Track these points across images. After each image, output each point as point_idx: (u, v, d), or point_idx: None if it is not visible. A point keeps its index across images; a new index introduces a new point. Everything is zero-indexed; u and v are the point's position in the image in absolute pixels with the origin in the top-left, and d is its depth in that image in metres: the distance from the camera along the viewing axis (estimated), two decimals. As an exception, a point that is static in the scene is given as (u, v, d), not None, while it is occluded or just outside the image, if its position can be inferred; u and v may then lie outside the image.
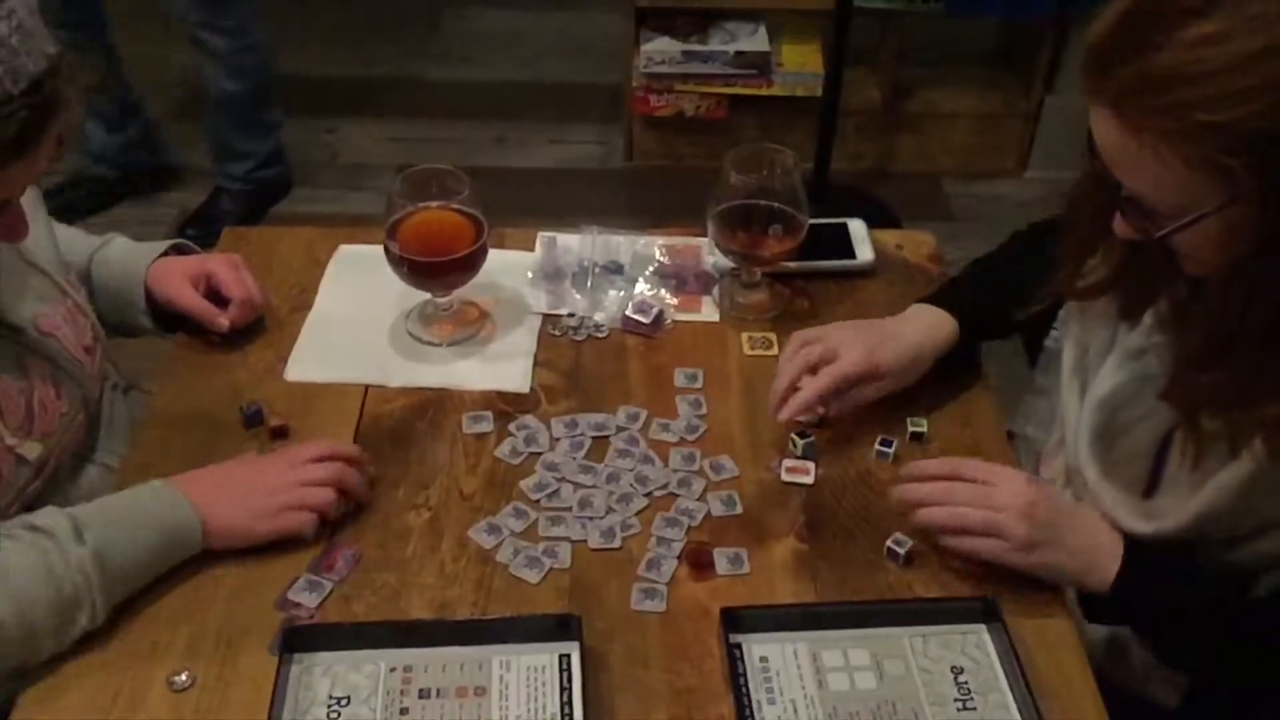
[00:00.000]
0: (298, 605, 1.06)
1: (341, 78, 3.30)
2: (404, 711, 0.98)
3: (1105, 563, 1.06)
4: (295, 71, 3.31)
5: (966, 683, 1.02)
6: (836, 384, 1.19)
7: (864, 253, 1.45)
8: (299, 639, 1.02)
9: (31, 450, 1.08)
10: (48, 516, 1.02)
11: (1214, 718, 1.15)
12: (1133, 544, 1.07)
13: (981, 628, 1.06)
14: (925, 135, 2.99)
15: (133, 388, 1.32)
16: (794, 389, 1.18)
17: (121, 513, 1.05)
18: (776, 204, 1.33)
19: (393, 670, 1.01)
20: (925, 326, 1.26)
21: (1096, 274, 1.10)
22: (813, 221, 1.35)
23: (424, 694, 0.99)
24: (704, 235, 1.40)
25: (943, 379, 1.27)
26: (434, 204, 1.30)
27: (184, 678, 1.00)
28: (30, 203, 1.08)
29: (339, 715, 0.98)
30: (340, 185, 2.96)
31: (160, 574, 1.06)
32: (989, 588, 1.09)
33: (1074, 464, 1.14)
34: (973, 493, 1.08)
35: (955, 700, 1.01)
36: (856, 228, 1.48)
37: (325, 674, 1.00)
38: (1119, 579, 1.05)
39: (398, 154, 3.00)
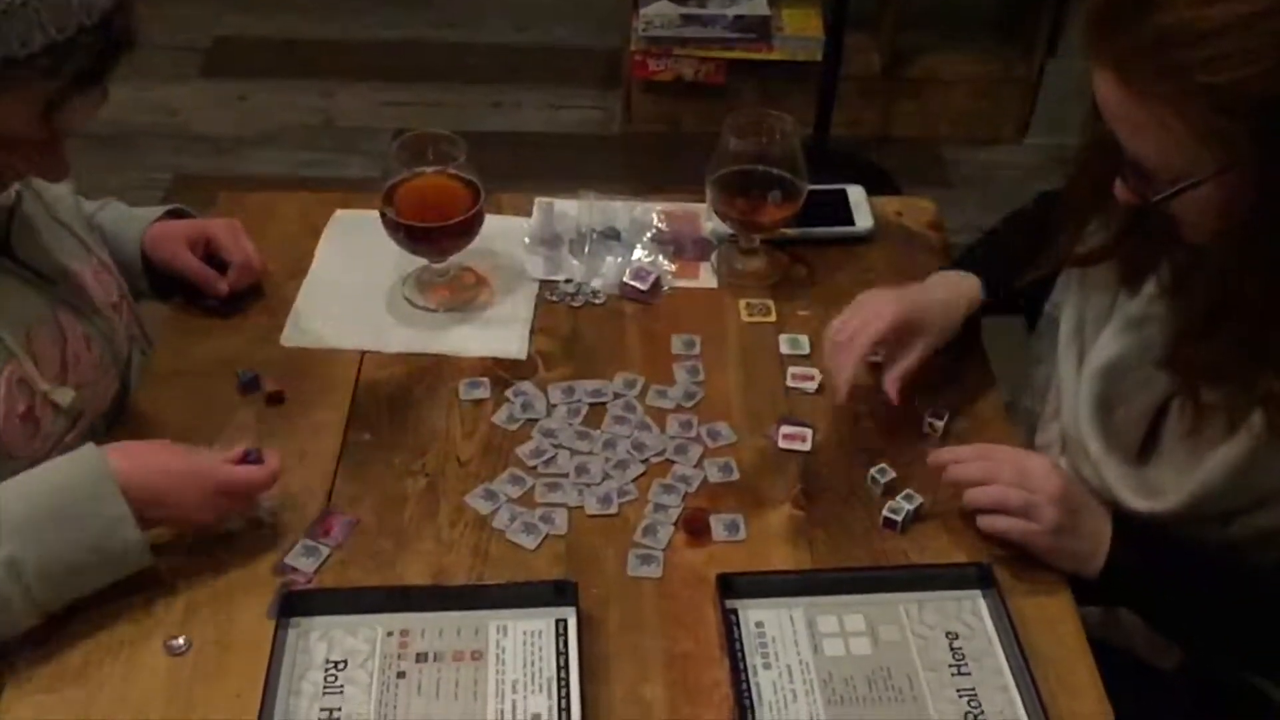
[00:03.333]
0: (295, 570, 1.06)
1: (338, 41, 3.26)
2: (401, 675, 0.98)
3: (1104, 548, 1.06)
4: (291, 35, 3.29)
5: (961, 648, 1.02)
6: (875, 340, 1.18)
7: (863, 219, 1.45)
8: (296, 603, 1.02)
9: (64, 396, 1.08)
10: None
11: (1211, 681, 1.15)
12: (1121, 523, 1.06)
13: (977, 594, 1.06)
14: (925, 101, 2.97)
15: None
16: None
17: (48, 513, 0.98)
18: (775, 170, 1.33)
19: (390, 635, 1.01)
20: (952, 286, 1.26)
21: (1097, 240, 1.10)
22: (811, 188, 1.34)
23: (421, 658, 1.00)
24: (702, 201, 1.39)
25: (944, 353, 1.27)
26: (430, 169, 1.30)
27: (181, 642, 1.00)
28: None
29: (336, 679, 0.98)
30: (336, 149, 2.94)
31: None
32: (984, 555, 1.09)
33: (1074, 434, 1.13)
34: (1014, 474, 1.07)
35: (950, 666, 1.01)
36: (856, 194, 1.48)
37: (322, 638, 1.01)
38: (1111, 560, 1.05)
39: (394, 118, 2.97)
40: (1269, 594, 1.06)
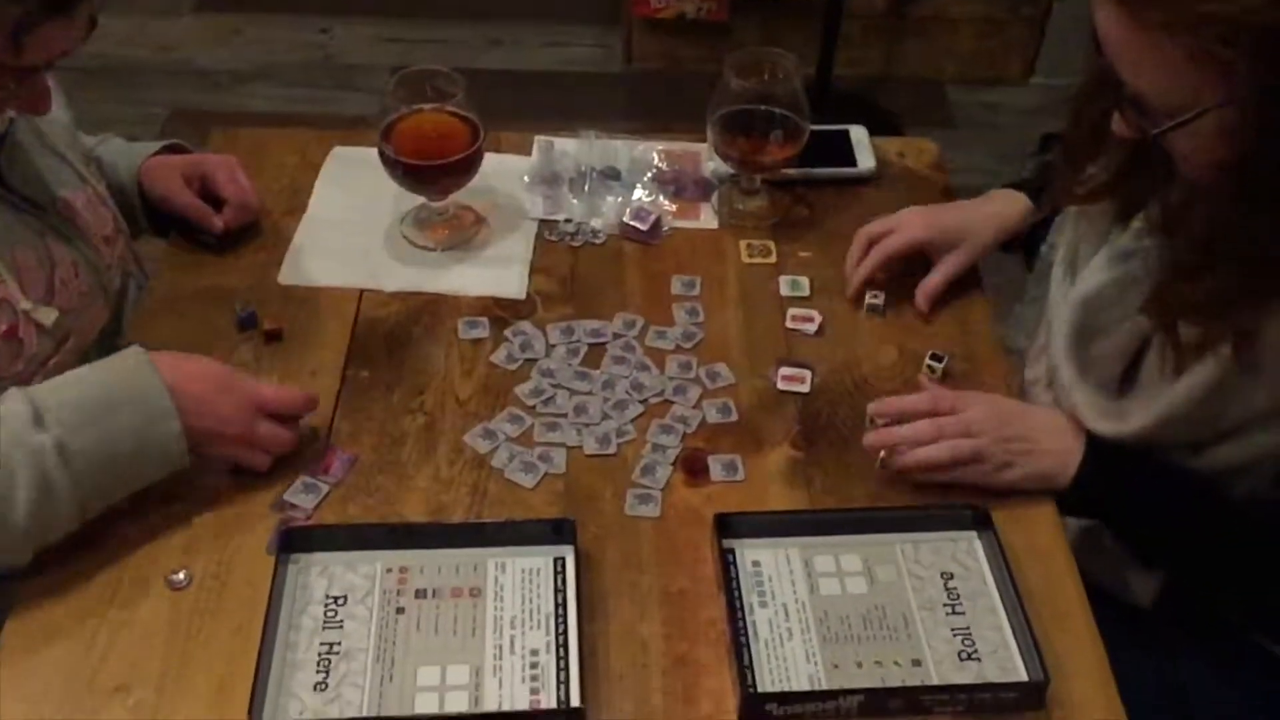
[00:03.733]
0: (294, 507, 1.07)
1: (335, -24, 3.23)
2: (400, 611, 0.99)
3: (1076, 460, 1.08)
4: (288, -32, 3.23)
5: (956, 588, 1.03)
6: (900, 250, 1.26)
7: (865, 160, 1.43)
8: (296, 539, 1.02)
9: (47, 316, 1.08)
10: (8, 401, 0.98)
11: (1188, 614, 1.17)
12: (1096, 437, 1.09)
13: (972, 535, 1.07)
14: (930, 40, 2.94)
15: None
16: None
17: (90, 396, 1.00)
18: (777, 110, 1.31)
19: (389, 571, 1.02)
20: (997, 203, 1.30)
21: (1096, 178, 1.10)
22: (814, 128, 1.33)
23: (420, 594, 1.01)
24: (704, 141, 1.38)
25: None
26: (429, 106, 1.28)
27: (181, 576, 1.01)
28: (53, 89, 1.08)
29: (336, 614, 0.99)
30: (334, 86, 2.91)
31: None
32: (980, 497, 1.09)
33: (1053, 362, 1.14)
34: (957, 426, 1.08)
35: (944, 605, 1.02)
36: (858, 134, 1.46)
37: (322, 574, 1.02)
38: (1083, 469, 1.08)
39: (392, 55, 2.94)
40: (1237, 510, 1.07)
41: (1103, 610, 1.04)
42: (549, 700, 0.94)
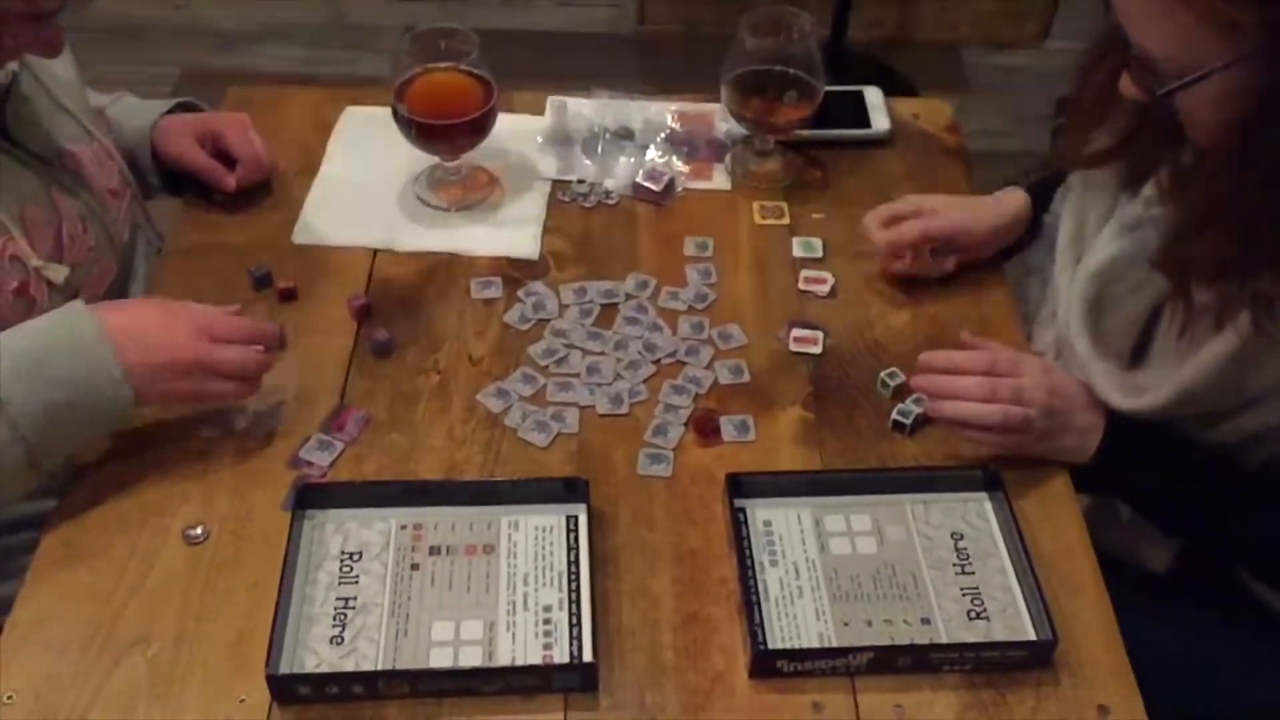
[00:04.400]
0: (310, 464, 1.08)
1: (347, -66, 3.21)
2: (415, 567, 1.00)
3: (1096, 438, 1.08)
4: (299, -73, 3.21)
5: (965, 548, 1.04)
6: (930, 234, 1.23)
7: (880, 122, 1.43)
8: (312, 496, 1.03)
9: (58, 273, 1.09)
10: None
11: (1202, 581, 1.17)
12: (1115, 413, 1.08)
13: (983, 496, 1.08)
14: (945, 2, 2.91)
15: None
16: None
17: (32, 347, 0.99)
18: (792, 70, 1.31)
19: (403, 528, 1.03)
20: (1008, 206, 1.28)
21: (1101, 142, 1.10)
22: (828, 89, 1.33)
23: (434, 550, 1.02)
24: (717, 102, 1.38)
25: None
26: (443, 65, 1.28)
27: (199, 531, 1.02)
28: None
29: (351, 570, 1.00)
30: (347, 47, 2.90)
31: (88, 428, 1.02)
32: (990, 457, 1.10)
33: (1064, 336, 1.14)
34: (1010, 389, 1.06)
35: (954, 565, 1.03)
36: (873, 96, 1.46)
37: (337, 530, 1.03)
38: (1104, 445, 1.07)
39: (405, 15, 2.92)
40: (1255, 480, 1.07)
41: (1114, 576, 1.04)
42: (562, 655, 0.95)
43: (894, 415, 1.13)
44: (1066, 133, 1.14)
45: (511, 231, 1.31)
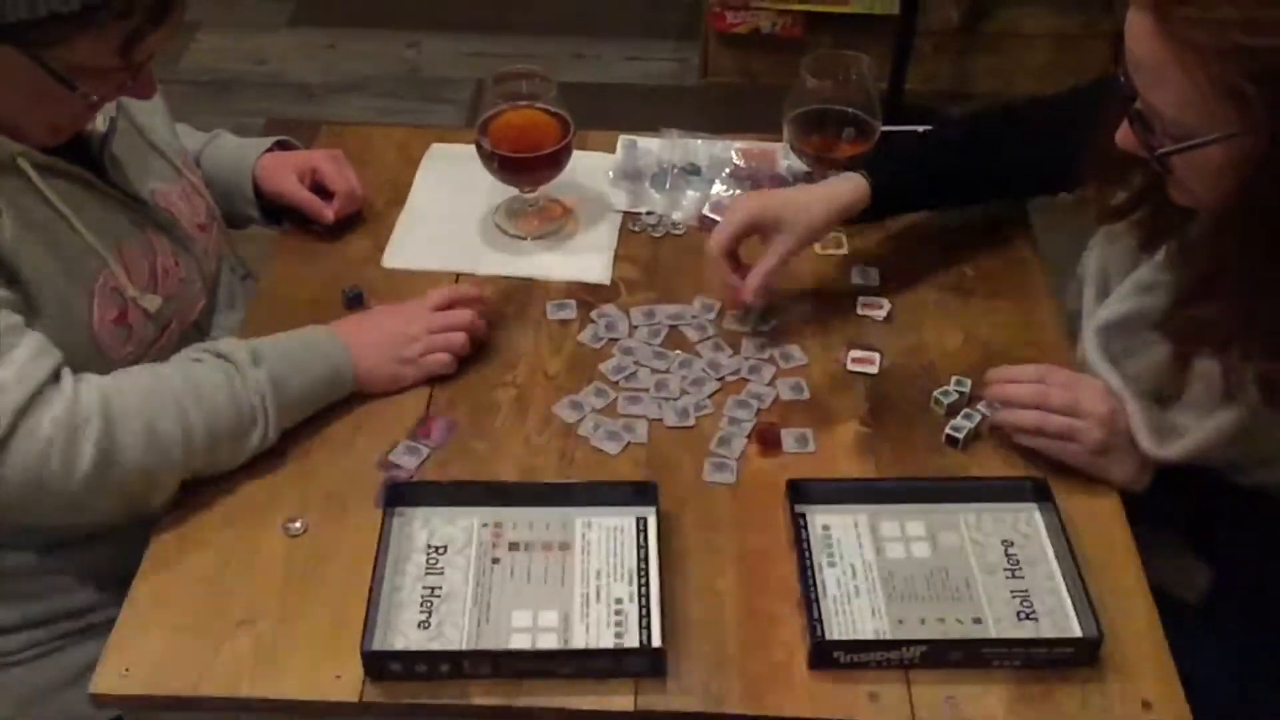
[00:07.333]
0: (398, 466, 1.16)
1: (423, -7, 3.37)
2: (495, 561, 1.08)
3: (1153, 466, 1.12)
4: (378, -13, 3.38)
5: (1016, 555, 1.09)
6: (727, 238, 1.24)
7: (934, 159, 1.50)
8: (401, 494, 1.11)
9: (152, 303, 1.19)
10: (228, 344, 1.15)
11: (1235, 612, 1.20)
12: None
13: (1033, 506, 1.13)
14: (1003, 55, 2.98)
15: (249, 276, 1.42)
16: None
17: (291, 348, 1.18)
18: (850, 109, 1.38)
19: (485, 525, 1.10)
20: (835, 185, 1.28)
21: (1120, 197, 1.13)
22: (885, 128, 1.40)
23: (513, 547, 1.09)
24: (779, 141, 1.45)
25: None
26: (523, 104, 1.38)
27: (298, 525, 1.10)
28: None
29: (437, 562, 1.07)
30: (421, 98, 3.03)
31: (319, 408, 1.19)
32: (1040, 470, 1.15)
33: (1095, 373, 1.17)
34: (1063, 399, 1.12)
35: (1005, 569, 1.08)
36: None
37: (424, 526, 1.10)
38: (1158, 479, 1.12)
39: (477, 69, 3.06)
40: None
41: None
42: (632, 641, 1.01)
43: (947, 430, 1.19)
44: (1089, 186, 1.17)
45: (584, 258, 1.40)
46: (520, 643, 1.01)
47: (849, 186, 1.28)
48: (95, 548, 1.19)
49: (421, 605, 1.04)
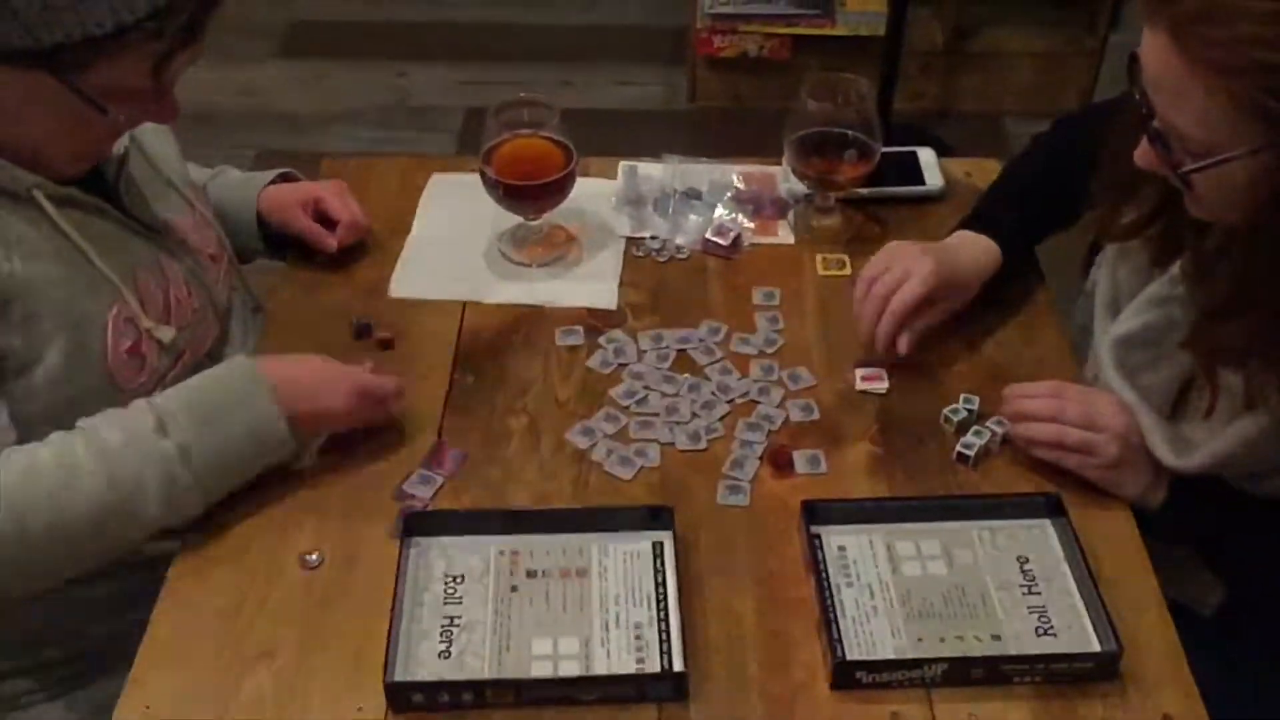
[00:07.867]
0: (413, 496, 1.16)
1: (411, 22, 3.37)
2: (514, 589, 1.08)
3: (1166, 481, 1.13)
4: (366, 17, 3.39)
5: (1031, 570, 1.10)
6: (918, 300, 1.22)
7: (934, 179, 1.52)
8: (418, 524, 1.11)
9: (165, 334, 1.18)
10: (135, 413, 1.09)
11: (1248, 623, 1.21)
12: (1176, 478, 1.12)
13: (1046, 522, 1.13)
14: (988, 75, 3.01)
15: (260, 309, 1.42)
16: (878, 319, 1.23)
17: (210, 410, 1.10)
18: (850, 131, 1.40)
19: (502, 553, 1.10)
20: (979, 251, 1.30)
21: (1131, 215, 1.14)
22: (884, 150, 1.41)
23: (531, 574, 1.09)
24: (777, 165, 1.47)
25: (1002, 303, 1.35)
26: (525, 132, 1.38)
27: (315, 557, 1.10)
28: None
29: (455, 591, 1.07)
30: (411, 127, 3.04)
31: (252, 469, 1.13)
32: (1052, 486, 1.15)
33: (1108, 388, 1.18)
34: (1079, 412, 1.13)
35: (1021, 585, 1.08)
36: (926, 156, 1.55)
37: (441, 555, 1.10)
38: (1173, 494, 1.12)
39: (467, 97, 3.07)
40: None
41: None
42: (653, 667, 1.01)
43: (958, 448, 1.19)
44: (1099, 205, 1.18)
45: (591, 284, 1.40)
46: (542, 670, 1.01)
47: (992, 262, 1.29)
48: (95, 586, 1.18)
49: (441, 635, 1.04)
